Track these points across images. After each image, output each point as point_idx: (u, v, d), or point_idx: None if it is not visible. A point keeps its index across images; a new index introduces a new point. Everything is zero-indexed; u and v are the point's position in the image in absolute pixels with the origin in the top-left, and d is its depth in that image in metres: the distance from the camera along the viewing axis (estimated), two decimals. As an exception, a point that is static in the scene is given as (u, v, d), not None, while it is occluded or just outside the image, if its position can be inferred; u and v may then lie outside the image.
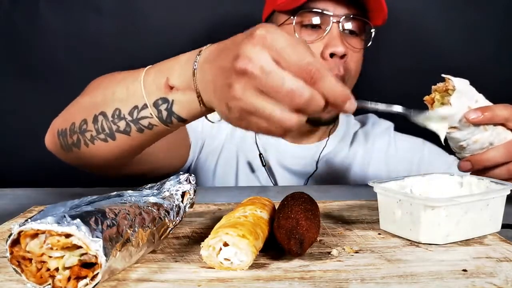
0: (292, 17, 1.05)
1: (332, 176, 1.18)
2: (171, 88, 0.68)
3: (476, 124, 0.73)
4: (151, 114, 0.71)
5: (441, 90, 0.73)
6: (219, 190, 1.05)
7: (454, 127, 0.74)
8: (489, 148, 0.76)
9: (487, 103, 0.76)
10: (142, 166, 0.94)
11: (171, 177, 0.68)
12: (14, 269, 0.50)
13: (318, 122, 1.12)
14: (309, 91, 0.53)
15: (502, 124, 0.75)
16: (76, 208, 0.52)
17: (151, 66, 0.74)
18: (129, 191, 0.61)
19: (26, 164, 1.46)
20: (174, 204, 0.63)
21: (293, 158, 1.17)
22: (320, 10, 1.03)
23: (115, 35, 1.51)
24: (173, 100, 0.68)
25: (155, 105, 0.70)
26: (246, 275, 0.54)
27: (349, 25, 1.05)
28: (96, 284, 0.48)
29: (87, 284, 0.48)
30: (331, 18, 1.02)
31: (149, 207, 0.59)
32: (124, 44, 1.50)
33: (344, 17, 1.03)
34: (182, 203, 0.65)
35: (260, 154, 1.16)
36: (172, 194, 0.64)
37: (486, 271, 0.54)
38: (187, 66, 0.67)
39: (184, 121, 0.71)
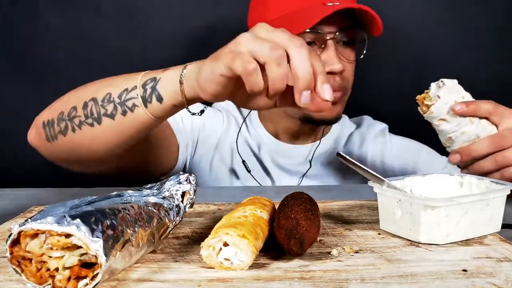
0: None
1: (326, 175, 1.18)
2: (164, 70, 0.76)
3: (462, 116, 0.79)
4: (137, 94, 0.78)
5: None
6: (219, 190, 1.05)
7: (443, 119, 0.80)
8: (476, 140, 0.81)
9: (472, 99, 0.82)
10: (130, 165, 0.96)
11: (171, 177, 0.68)
12: (14, 269, 0.50)
13: (319, 122, 1.11)
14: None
15: (487, 119, 0.81)
16: (76, 208, 0.52)
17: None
18: (129, 191, 0.61)
19: (26, 164, 1.46)
20: (174, 204, 0.63)
21: (287, 157, 1.18)
22: (314, 30, 1.01)
23: (115, 35, 1.50)
24: (160, 78, 0.76)
25: (144, 85, 0.77)
26: (246, 275, 0.54)
27: (343, 37, 1.04)
28: (96, 284, 0.48)
29: (87, 284, 0.48)
30: (327, 35, 1.02)
31: (149, 207, 0.59)
32: (124, 44, 1.50)
33: (338, 32, 1.02)
34: (182, 203, 0.65)
35: (243, 161, 1.16)
36: (172, 194, 0.64)
37: (486, 271, 0.54)
38: (178, 68, 0.76)
39: (161, 100, 0.77)
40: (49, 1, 1.48)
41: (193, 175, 0.68)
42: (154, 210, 0.59)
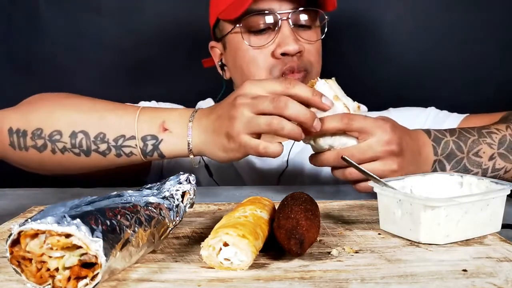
0: (238, 25, 0.98)
1: (305, 172, 1.14)
2: (165, 130, 0.81)
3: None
4: (136, 145, 0.82)
5: None
6: (219, 190, 1.05)
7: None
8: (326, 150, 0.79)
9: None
10: (101, 175, 0.96)
11: (171, 177, 0.68)
12: (14, 269, 0.50)
13: None
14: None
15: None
16: (76, 208, 0.52)
17: (144, 106, 0.85)
18: (129, 191, 0.61)
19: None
20: (174, 204, 0.63)
21: (261, 159, 1.12)
22: (265, 11, 0.97)
23: (115, 35, 1.51)
24: (162, 139, 0.81)
25: (143, 139, 0.82)
26: (246, 275, 0.54)
27: (300, 19, 0.99)
28: (96, 284, 0.48)
29: (87, 284, 0.48)
30: (279, 15, 0.97)
31: (149, 207, 0.59)
32: (124, 44, 1.50)
33: (291, 12, 0.98)
34: (182, 203, 0.65)
35: (206, 165, 1.09)
36: (172, 194, 0.64)
37: (486, 271, 0.54)
38: (183, 117, 0.81)
39: (163, 157, 0.83)
40: (49, 1, 1.48)
41: (193, 175, 0.68)
42: (154, 210, 0.59)
